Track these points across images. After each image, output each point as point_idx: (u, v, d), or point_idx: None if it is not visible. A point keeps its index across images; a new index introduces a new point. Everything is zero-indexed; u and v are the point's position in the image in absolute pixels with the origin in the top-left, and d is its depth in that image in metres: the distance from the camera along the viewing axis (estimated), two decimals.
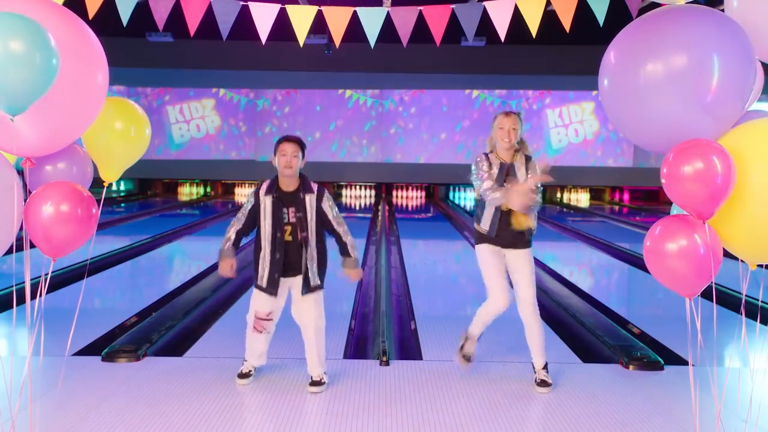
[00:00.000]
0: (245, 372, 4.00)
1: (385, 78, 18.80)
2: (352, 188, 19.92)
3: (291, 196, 3.82)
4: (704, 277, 2.83)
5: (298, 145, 3.82)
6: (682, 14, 2.90)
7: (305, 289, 3.85)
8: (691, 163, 2.69)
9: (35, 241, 3.02)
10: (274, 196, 3.81)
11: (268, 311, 3.91)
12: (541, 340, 3.99)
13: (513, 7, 3.89)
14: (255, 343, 3.97)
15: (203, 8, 3.87)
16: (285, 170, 3.79)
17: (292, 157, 3.78)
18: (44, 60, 2.51)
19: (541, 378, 3.97)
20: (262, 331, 3.93)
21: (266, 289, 3.86)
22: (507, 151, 3.96)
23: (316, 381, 3.91)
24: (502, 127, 3.92)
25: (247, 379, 3.98)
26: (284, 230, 3.80)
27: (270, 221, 3.81)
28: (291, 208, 3.81)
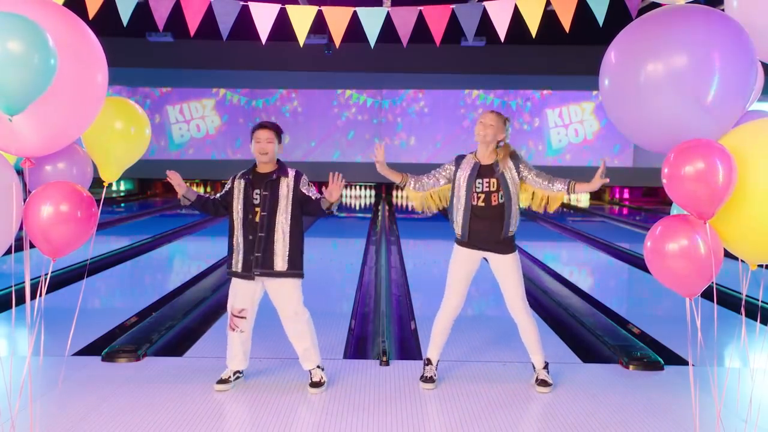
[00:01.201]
0: (224, 378, 3.91)
1: (385, 78, 18.80)
2: (352, 188, 19.93)
3: (262, 177, 3.81)
4: (705, 278, 2.83)
5: (273, 131, 3.81)
6: (683, 14, 2.90)
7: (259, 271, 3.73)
8: (692, 163, 2.69)
9: (35, 241, 3.01)
10: (247, 178, 3.82)
11: (240, 308, 3.83)
12: (535, 337, 3.96)
13: (513, 7, 3.89)
14: (232, 344, 3.91)
15: (203, 8, 3.87)
16: (260, 156, 3.79)
17: (267, 143, 3.78)
18: (42, 60, 2.51)
19: (541, 378, 3.97)
20: (236, 329, 3.86)
21: (242, 274, 3.78)
22: (485, 146, 3.88)
23: (315, 381, 3.90)
24: (482, 122, 3.89)
25: (225, 385, 3.88)
26: (255, 212, 3.77)
27: (241, 203, 3.79)
28: (259, 188, 3.79)
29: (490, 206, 3.86)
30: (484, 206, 3.86)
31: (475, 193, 3.87)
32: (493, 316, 4.12)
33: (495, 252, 3.91)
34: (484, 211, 3.86)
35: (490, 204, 3.86)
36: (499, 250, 3.90)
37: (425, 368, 4.05)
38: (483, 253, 3.94)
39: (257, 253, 3.75)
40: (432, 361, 4.06)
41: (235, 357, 3.93)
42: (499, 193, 3.85)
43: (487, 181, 3.86)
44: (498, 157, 3.89)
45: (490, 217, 3.86)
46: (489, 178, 3.86)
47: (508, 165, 3.88)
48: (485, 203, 3.86)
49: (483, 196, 3.86)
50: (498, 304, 4.12)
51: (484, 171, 3.88)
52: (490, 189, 3.85)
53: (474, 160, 3.92)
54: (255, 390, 3.90)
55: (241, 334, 3.89)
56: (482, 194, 3.86)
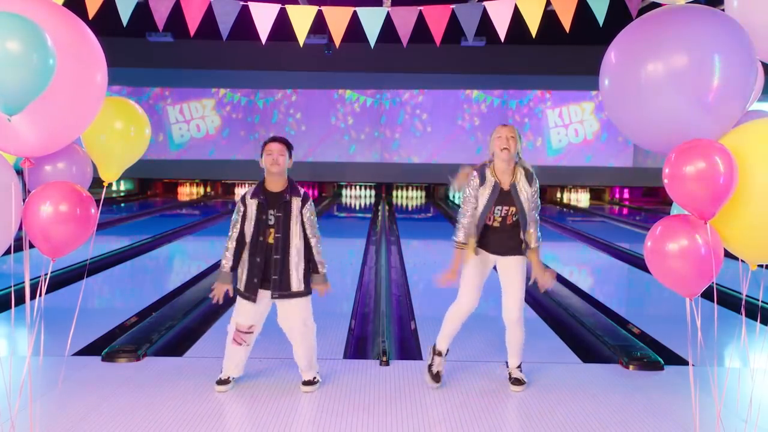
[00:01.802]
0: (224, 378, 3.91)
1: (385, 78, 18.80)
2: (352, 188, 19.92)
3: (275, 198, 3.78)
4: (705, 278, 2.83)
5: (284, 145, 3.79)
6: (683, 14, 2.90)
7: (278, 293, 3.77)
8: (693, 163, 2.69)
9: (34, 241, 3.01)
10: (259, 198, 3.78)
11: (249, 324, 3.83)
12: (521, 344, 3.97)
13: (513, 7, 3.88)
14: (234, 355, 3.88)
15: (203, 8, 3.86)
16: (272, 167, 3.75)
17: (279, 155, 3.75)
18: (41, 60, 2.50)
19: (515, 376, 3.97)
20: (242, 344, 3.85)
21: (244, 294, 3.80)
22: (506, 163, 3.82)
23: (308, 380, 3.91)
24: (500, 136, 3.80)
25: (226, 386, 3.88)
26: (267, 233, 3.76)
27: (253, 224, 3.77)
28: (272, 210, 3.76)
29: (505, 225, 3.91)
30: (498, 227, 3.91)
31: (492, 215, 3.89)
32: (493, 316, 4.12)
33: (505, 255, 3.93)
34: (497, 228, 3.91)
35: (505, 223, 3.90)
36: (510, 252, 3.92)
37: (433, 359, 3.97)
38: (494, 258, 3.96)
39: (274, 276, 3.76)
40: (442, 352, 3.98)
41: (236, 366, 3.91)
42: (515, 215, 3.88)
43: (506, 209, 3.87)
44: (516, 180, 3.86)
45: (505, 231, 3.91)
46: (508, 206, 3.86)
47: (525, 188, 3.86)
48: (500, 224, 3.91)
49: (500, 219, 3.90)
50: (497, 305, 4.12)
51: (503, 197, 3.85)
52: (507, 214, 3.88)
53: (494, 180, 3.85)
54: (255, 390, 3.90)
55: (246, 347, 3.89)
56: (499, 218, 3.90)
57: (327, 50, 16.70)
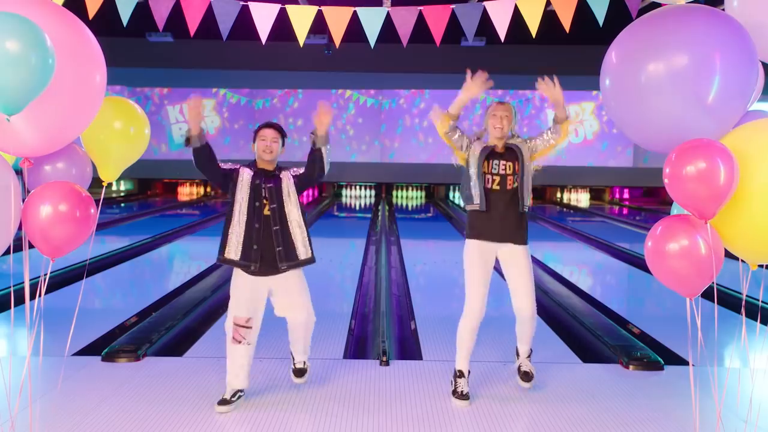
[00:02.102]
0: (227, 398, 3.63)
1: (385, 78, 18.79)
2: (352, 188, 19.91)
3: (267, 173, 3.71)
4: (705, 278, 2.83)
5: (278, 132, 3.73)
6: (683, 14, 2.90)
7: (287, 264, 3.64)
8: (693, 163, 2.69)
9: (34, 241, 3.01)
10: (252, 169, 3.70)
11: (247, 317, 3.63)
12: (531, 334, 3.89)
13: (513, 7, 3.88)
14: (236, 356, 3.65)
15: (203, 8, 3.86)
16: (264, 154, 3.67)
17: (272, 142, 3.68)
18: (40, 60, 2.50)
19: (524, 369, 3.91)
20: (242, 341, 3.63)
21: (241, 262, 3.59)
22: (498, 140, 3.81)
23: (300, 368, 3.86)
24: (495, 114, 3.83)
25: (227, 406, 3.60)
26: (263, 204, 3.63)
27: (247, 192, 3.62)
28: (268, 183, 3.67)
29: (505, 189, 3.78)
30: (499, 189, 3.79)
31: (491, 174, 3.79)
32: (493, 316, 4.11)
33: (508, 242, 3.80)
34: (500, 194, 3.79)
35: (505, 188, 3.78)
36: (512, 239, 3.79)
37: (457, 381, 3.79)
38: (495, 246, 3.82)
39: (278, 248, 3.62)
40: (464, 374, 3.81)
41: (239, 374, 3.67)
42: (515, 175, 3.78)
43: (504, 164, 3.78)
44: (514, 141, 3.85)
45: (507, 201, 3.78)
46: (506, 161, 3.78)
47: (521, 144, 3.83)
48: (500, 186, 3.79)
49: (498, 179, 3.79)
50: (497, 305, 4.11)
51: (498, 155, 3.80)
52: (506, 171, 3.78)
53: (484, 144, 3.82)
54: (254, 390, 3.90)
55: (248, 347, 3.66)
56: (498, 176, 3.79)
57: (327, 50, 16.69)
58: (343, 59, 16.75)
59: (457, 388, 3.79)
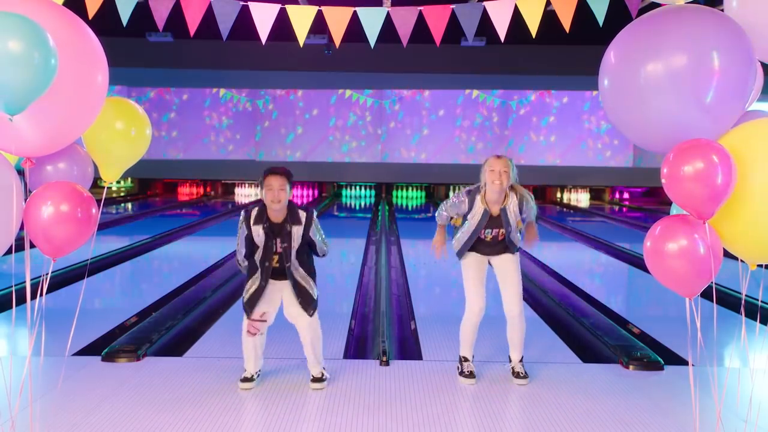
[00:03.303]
0: (246, 376, 3.95)
1: (385, 78, 18.78)
2: (352, 188, 19.92)
3: (279, 228, 3.83)
4: (704, 277, 2.83)
5: (284, 178, 3.79)
6: (682, 14, 2.90)
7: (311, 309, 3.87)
8: (691, 163, 2.69)
9: (35, 241, 3.01)
10: (264, 226, 3.81)
11: (261, 312, 3.87)
12: (522, 336, 4.09)
13: (513, 7, 3.88)
14: (248, 346, 3.91)
15: (203, 8, 3.86)
16: (273, 205, 3.78)
17: (279, 191, 3.75)
18: (43, 60, 2.51)
19: (517, 370, 4.07)
20: (256, 333, 3.87)
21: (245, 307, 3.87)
22: (497, 194, 3.95)
23: (317, 377, 3.93)
24: (493, 170, 3.91)
25: (249, 383, 3.92)
26: (272, 259, 3.84)
27: (261, 250, 3.83)
28: (278, 239, 3.83)
29: (496, 240, 4.06)
30: (489, 241, 4.06)
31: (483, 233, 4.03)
32: (492, 316, 4.12)
33: (498, 255, 4.10)
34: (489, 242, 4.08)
35: (496, 240, 4.06)
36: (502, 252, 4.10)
37: (463, 364, 4.08)
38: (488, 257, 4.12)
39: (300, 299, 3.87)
40: (468, 358, 4.10)
41: (257, 358, 3.95)
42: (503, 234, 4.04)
43: (496, 230, 4.02)
44: (506, 204, 3.99)
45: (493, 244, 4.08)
46: (497, 228, 4.01)
47: (515, 211, 4.00)
48: (491, 240, 4.06)
49: (491, 238, 4.05)
50: (497, 304, 4.13)
51: (492, 222, 4.00)
52: (497, 234, 4.03)
53: (483, 208, 3.99)
54: (254, 390, 3.90)
55: (261, 336, 3.92)
56: (490, 237, 4.05)
57: (327, 50, 16.69)
58: (343, 59, 16.74)
59: (464, 369, 4.06)
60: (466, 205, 4.03)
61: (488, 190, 3.97)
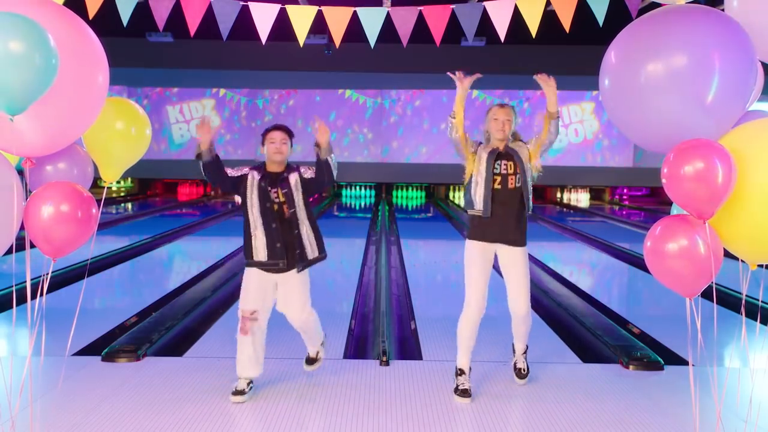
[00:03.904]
0: (239, 389, 3.77)
1: (385, 78, 18.78)
2: (352, 188, 19.91)
3: (276, 176, 3.81)
4: (705, 277, 2.83)
5: (286, 133, 3.84)
6: (683, 14, 2.90)
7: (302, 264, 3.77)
8: (691, 163, 2.69)
9: (35, 241, 3.01)
10: (260, 171, 3.80)
11: (252, 309, 3.76)
12: (527, 332, 4.04)
13: (513, 7, 3.88)
14: (243, 347, 3.78)
15: (203, 8, 3.86)
16: (275, 156, 3.77)
17: (282, 144, 3.79)
18: (43, 60, 2.51)
19: (519, 366, 4.03)
20: (248, 333, 3.75)
21: (267, 263, 3.73)
22: (500, 142, 3.91)
23: (311, 357, 3.96)
24: (497, 118, 3.90)
25: (241, 396, 3.73)
26: (279, 208, 3.75)
27: (256, 195, 3.74)
28: (277, 187, 3.77)
29: (506, 189, 3.85)
30: (500, 189, 3.86)
31: (494, 173, 3.86)
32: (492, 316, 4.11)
33: (507, 244, 3.88)
34: (501, 194, 3.86)
35: (507, 187, 3.85)
36: (512, 241, 3.88)
37: (458, 379, 3.87)
38: (495, 246, 3.90)
39: (297, 250, 3.76)
40: (465, 371, 3.89)
41: (245, 364, 3.78)
42: (516, 175, 3.86)
43: (506, 164, 3.88)
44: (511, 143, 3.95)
45: (508, 202, 3.86)
46: (507, 161, 3.88)
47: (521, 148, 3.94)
48: (502, 186, 3.86)
49: (500, 179, 3.86)
50: (497, 305, 4.11)
51: (501, 156, 3.90)
52: (507, 171, 3.87)
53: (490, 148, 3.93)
54: (254, 390, 3.90)
55: (254, 338, 3.77)
56: (499, 176, 3.86)
57: (327, 50, 16.69)
58: (343, 59, 16.75)
59: (459, 385, 3.85)
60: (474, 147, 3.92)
61: (492, 138, 3.92)
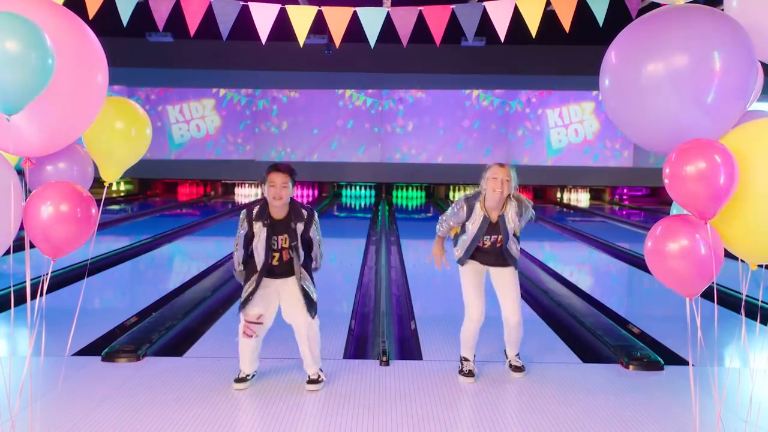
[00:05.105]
0: (241, 377, 3.96)
1: (385, 78, 18.79)
2: (352, 188, 19.91)
3: (282, 225, 3.81)
4: (705, 278, 2.83)
5: (288, 175, 3.77)
6: (683, 14, 2.90)
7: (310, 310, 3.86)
8: (693, 163, 2.69)
9: (35, 241, 3.01)
10: (265, 223, 3.79)
11: (258, 314, 3.86)
12: (518, 339, 4.18)
13: (513, 7, 3.88)
14: (245, 349, 3.91)
15: (203, 8, 3.86)
16: (275, 201, 3.76)
17: (282, 188, 3.74)
18: (40, 60, 2.50)
19: (514, 364, 4.17)
20: (252, 336, 3.87)
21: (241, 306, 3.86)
22: (497, 201, 3.98)
23: (313, 379, 3.91)
24: (495, 177, 3.95)
25: (243, 384, 3.92)
26: (273, 257, 3.82)
27: (263, 248, 3.79)
28: (282, 236, 3.80)
29: (494, 248, 4.09)
30: (488, 248, 4.09)
31: (482, 240, 4.07)
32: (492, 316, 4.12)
33: (497, 266, 4.14)
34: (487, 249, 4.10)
35: (494, 247, 4.09)
36: (501, 263, 4.13)
37: (463, 363, 4.12)
38: (486, 267, 4.17)
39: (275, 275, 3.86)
40: (468, 358, 4.14)
41: (252, 361, 3.96)
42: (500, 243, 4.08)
43: (494, 237, 4.05)
44: (505, 210, 4.02)
45: (491, 252, 4.11)
46: (496, 235, 4.05)
47: (513, 219, 4.03)
48: (490, 247, 4.09)
49: (489, 244, 4.08)
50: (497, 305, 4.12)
51: (491, 229, 4.03)
52: (496, 240, 4.07)
53: (483, 214, 4.02)
54: (254, 390, 3.91)
55: (257, 339, 3.91)
56: (489, 243, 4.08)
57: (327, 50, 16.69)
58: (343, 59, 16.75)
59: (464, 368, 4.12)
60: (464, 212, 4.06)
61: (488, 197, 4.00)
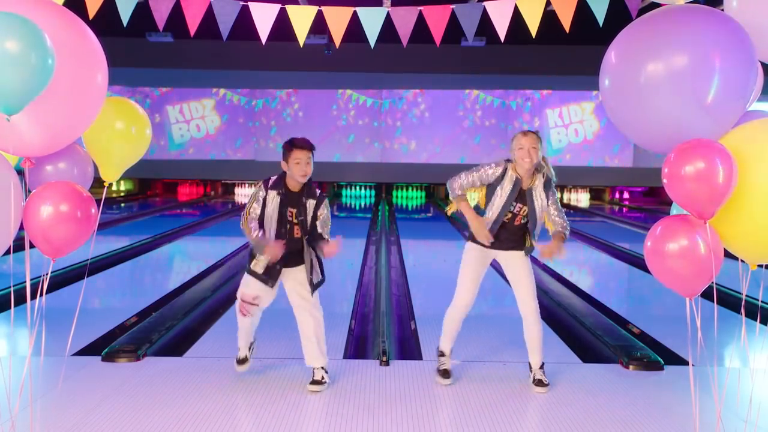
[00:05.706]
0: (242, 357, 4.04)
1: (385, 78, 18.79)
2: (352, 188, 19.91)
3: (295, 198, 3.81)
4: (705, 278, 2.83)
5: (311, 151, 3.79)
6: (683, 14, 2.90)
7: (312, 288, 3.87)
8: (692, 163, 2.69)
9: (35, 241, 3.01)
10: (280, 192, 3.80)
11: (254, 295, 3.86)
12: (539, 339, 3.99)
13: (513, 7, 3.88)
14: (242, 325, 3.97)
15: (203, 8, 3.86)
16: (301, 177, 3.76)
17: (307, 165, 3.75)
18: (39, 60, 2.51)
19: (538, 378, 3.97)
20: (246, 315, 3.90)
21: (261, 276, 3.82)
22: (527, 170, 3.89)
23: (317, 380, 3.90)
24: (522, 147, 3.84)
25: (245, 364, 4.03)
26: (291, 229, 3.81)
27: (276, 216, 3.78)
28: (294, 209, 3.80)
29: (512, 223, 3.96)
30: (507, 221, 3.96)
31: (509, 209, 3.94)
32: (492, 316, 4.13)
33: (507, 249, 3.99)
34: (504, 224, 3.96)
35: (513, 222, 3.96)
36: (511, 247, 3.99)
37: (440, 360, 4.07)
38: (495, 252, 4.00)
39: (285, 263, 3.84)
40: (446, 353, 4.08)
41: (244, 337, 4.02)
42: (525, 217, 3.95)
43: (519, 206, 3.93)
44: (533, 184, 3.93)
45: (510, 230, 3.97)
46: (522, 204, 3.93)
47: (541, 195, 3.94)
48: (509, 220, 3.96)
49: (510, 215, 3.95)
50: (497, 305, 4.12)
51: (520, 196, 3.92)
52: (519, 212, 3.95)
53: (515, 177, 3.90)
54: (254, 390, 3.90)
55: (253, 319, 3.95)
56: (509, 213, 3.94)
57: (327, 50, 16.69)
58: (343, 59, 16.75)
59: (439, 366, 4.06)
60: (500, 172, 3.91)
61: (518, 166, 3.89)
